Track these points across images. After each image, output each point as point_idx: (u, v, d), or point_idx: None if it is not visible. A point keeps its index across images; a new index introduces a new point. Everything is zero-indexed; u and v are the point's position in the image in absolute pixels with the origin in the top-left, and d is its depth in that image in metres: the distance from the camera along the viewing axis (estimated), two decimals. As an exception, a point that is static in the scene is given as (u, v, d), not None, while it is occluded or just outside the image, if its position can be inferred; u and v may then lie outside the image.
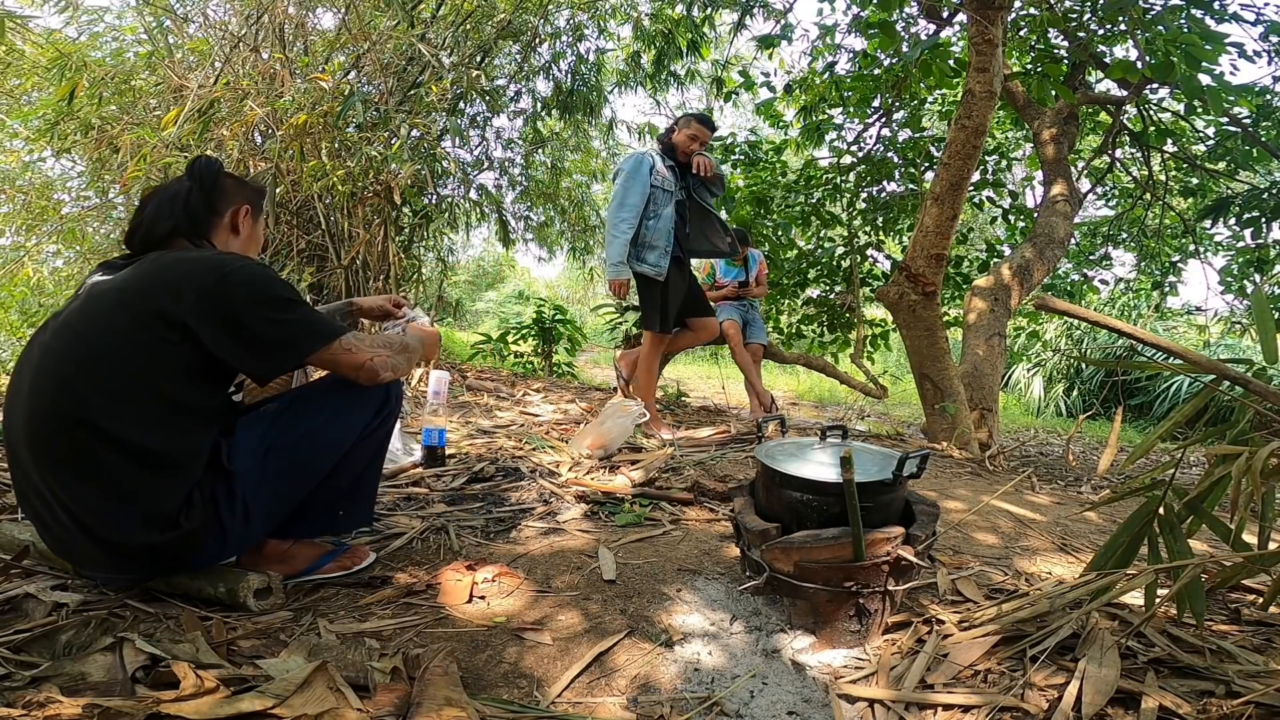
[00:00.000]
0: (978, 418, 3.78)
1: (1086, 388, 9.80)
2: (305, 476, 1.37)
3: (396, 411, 1.49)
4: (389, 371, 1.39)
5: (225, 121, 4.04)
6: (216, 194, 1.40)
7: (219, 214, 1.41)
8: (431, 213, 5.38)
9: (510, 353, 7.32)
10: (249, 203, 1.45)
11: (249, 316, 1.23)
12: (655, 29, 5.86)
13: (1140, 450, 1.31)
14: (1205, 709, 0.96)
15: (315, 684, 0.97)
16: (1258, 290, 3.73)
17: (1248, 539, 1.34)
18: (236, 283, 1.23)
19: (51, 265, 5.47)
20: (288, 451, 1.32)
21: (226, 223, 1.42)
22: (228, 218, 1.42)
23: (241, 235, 1.44)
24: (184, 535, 1.21)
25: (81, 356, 1.18)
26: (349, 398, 1.40)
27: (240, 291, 1.23)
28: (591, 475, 2.39)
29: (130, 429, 1.17)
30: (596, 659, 1.21)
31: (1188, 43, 2.98)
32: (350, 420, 1.39)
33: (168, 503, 1.20)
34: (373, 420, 1.42)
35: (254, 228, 1.47)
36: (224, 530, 1.26)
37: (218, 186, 1.41)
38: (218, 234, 1.41)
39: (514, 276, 20.64)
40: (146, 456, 1.17)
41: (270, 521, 1.35)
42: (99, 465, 1.16)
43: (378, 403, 1.43)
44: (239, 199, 1.44)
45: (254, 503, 1.28)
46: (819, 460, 1.42)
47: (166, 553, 1.23)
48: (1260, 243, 5.25)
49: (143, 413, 1.18)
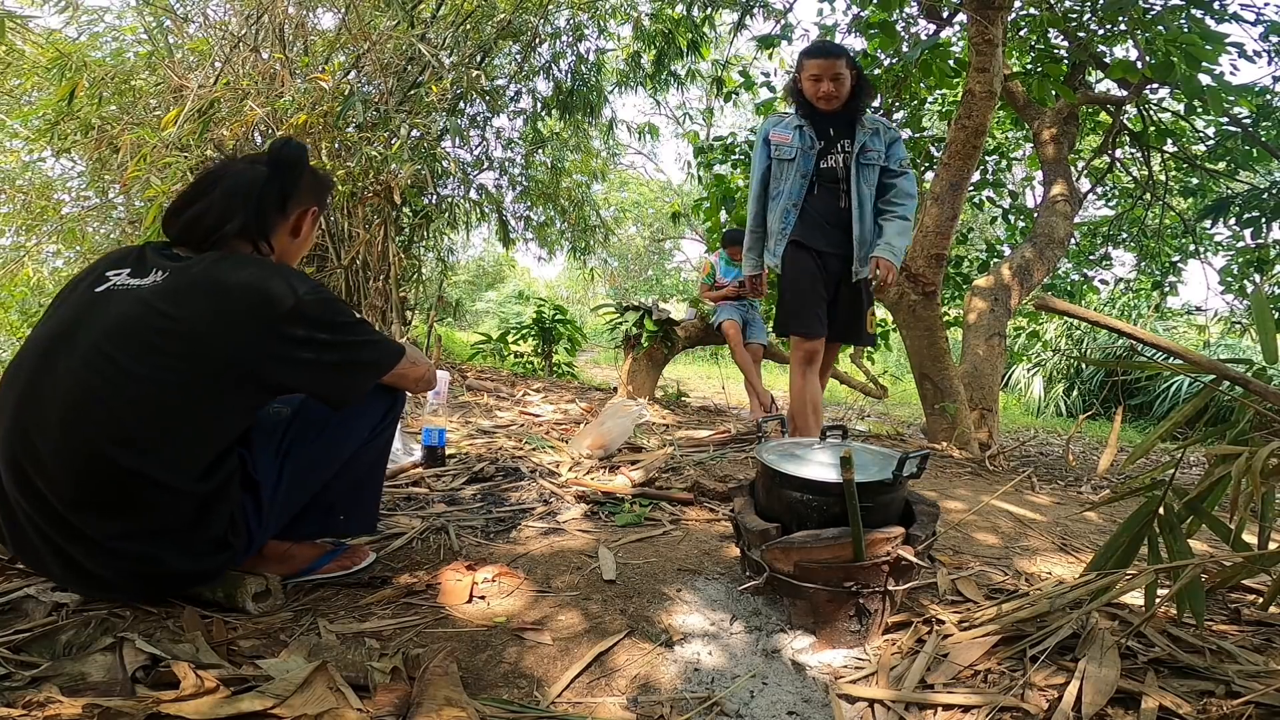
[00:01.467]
0: (978, 418, 3.78)
1: (1086, 388, 9.80)
2: (314, 480, 1.36)
3: (400, 415, 1.49)
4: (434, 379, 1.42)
5: (225, 121, 4.04)
6: (295, 190, 1.27)
7: (286, 215, 1.28)
8: (431, 213, 5.38)
9: (510, 353, 7.33)
10: (317, 204, 1.35)
11: (327, 343, 1.17)
12: (655, 29, 5.86)
13: (1140, 450, 1.31)
14: (1205, 709, 0.96)
15: (315, 684, 0.97)
16: (1258, 290, 3.73)
17: (1248, 539, 1.34)
18: (309, 311, 1.15)
19: (51, 265, 5.47)
20: (302, 457, 1.31)
21: (290, 223, 1.30)
22: (293, 219, 1.30)
23: (300, 239, 1.34)
24: (233, 554, 1.22)
25: (143, 410, 1.08)
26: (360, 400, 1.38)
27: (315, 320, 1.15)
28: (591, 475, 2.39)
29: (181, 476, 1.11)
30: (596, 659, 1.21)
31: (1188, 43, 2.98)
32: (360, 422, 1.37)
33: (218, 529, 1.18)
34: (380, 422, 1.41)
35: (313, 230, 1.37)
36: (252, 538, 1.25)
37: (299, 182, 1.28)
38: (279, 236, 1.28)
39: (514, 276, 20.66)
40: (195, 498, 1.14)
41: (282, 522, 1.35)
42: (149, 507, 1.11)
43: (386, 405, 1.41)
44: (310, 199, 1.32)
45: (270, 509, 1.28)
46: (819, 460, 1.42)
47: (216, 572, 1.24)
48: (1260, 243, 5.25)
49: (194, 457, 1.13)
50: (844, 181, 2.45)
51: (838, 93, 2.38)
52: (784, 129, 2.50)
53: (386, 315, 4.75)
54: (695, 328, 5.12)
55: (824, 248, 2.47)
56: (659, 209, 18.79)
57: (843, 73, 2.36)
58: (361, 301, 4.67)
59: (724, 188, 5.84)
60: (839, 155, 2.45)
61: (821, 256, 2.48)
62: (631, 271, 20.24)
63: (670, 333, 5.03)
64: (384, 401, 1.40)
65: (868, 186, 2.44)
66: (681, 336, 5.10)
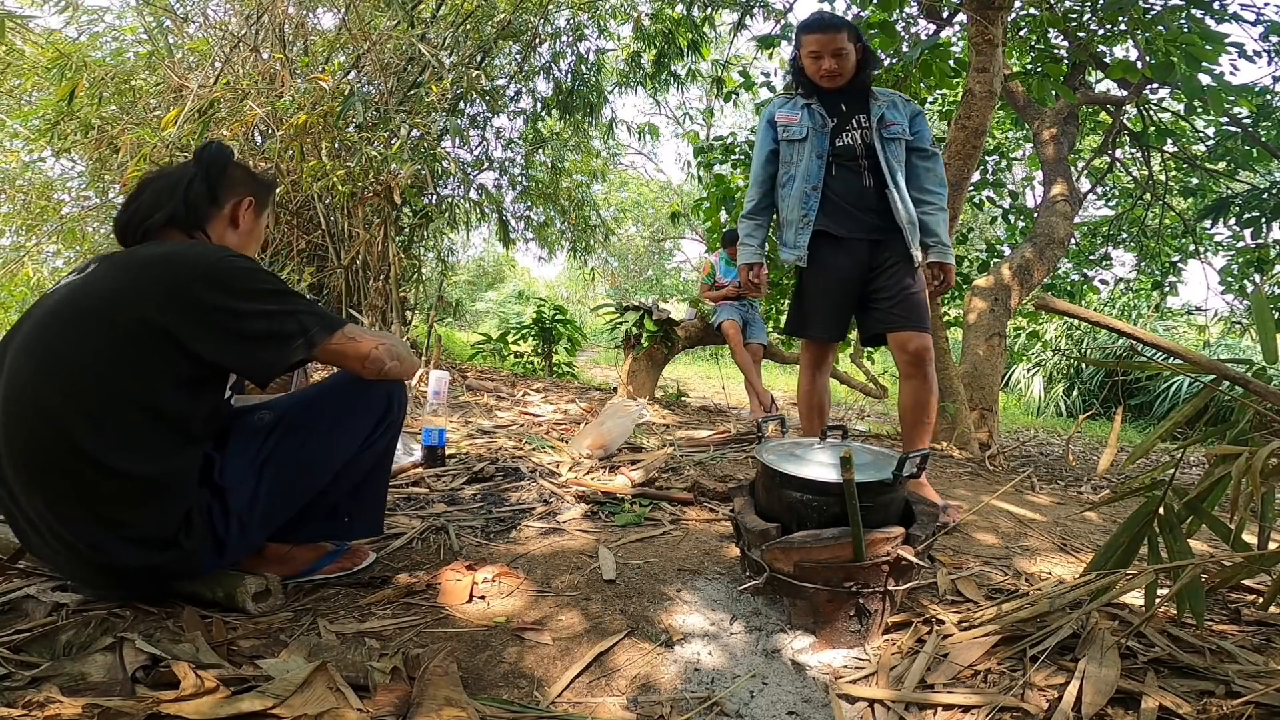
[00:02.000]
0: (978, 418, 3.78)
1: (1086, 388, 9.80)
2: (304, 487, 1.34)
3: (400, 421, 1.43)
4: (394, 362, 1.29)
5: (225, 121, 4.05)
6: (222, 183, 1.32)
7: (220, 205, 1.32)
8: (431, 213, 5.38)
9: (510, 353, 7.33)
10: (253, 196, 1.37)
11: (244, 312, 1.15)
12: (655, 29, 5.86)
13: (1140, 450, 1.31)
14: (1205, 709, 0.96)
15: (315, 684, 0.97)
16: (1258, 290, 3.73)
17: (1248, 539, 1.34)
18: (221, 277, 1.15)
19: (51, 265, 5.48)
20: (285, 466, 1.29)
21: (226, 214, 1.34)
22: (228, 209, 1.34)
23: (240, 230, 1.36)
24: (185, 554, 1.20)
25: (64, 386, 1.10)
26: (349, 409, 1.34)
27: (229, 286, 1.15)
28: (591, 475, 2.39)
29: (121, 456, 1.11)
30: (596, 659, 1.21)
31: (1188, 43, 2.98)
32: (349, 432, 1.35)
33: (166, 525, 1.17)
34: (374, 432, 1.37)
35: (255, 223, 1.39)
36: (221, 545, 1.24)
37: (225, 175, 1.33)
38: (214, 226, 1.32)
39: (514, 276, 20.68)
40: (138, 482, 1.13)
41: (268, 530, 1.34)
42: (93, 493, 1.11)
43: (379, 413, 1.37)
44: (243, 190, 1.35)
45: (250, 516, 1.25)
46: (819, 460, 1.42)
47: (166, 570, 1.22)
48: (1260, 243, 5.25)
49: (132, 436, 1.12)
50: (864, 159, 2.20)
51: (841, 69, 2.15)
52: (790, 109, 2.26)
53: (386, 315, 4.75)
54: (695, 328, 5.12)
55: (851, 233, 2.20)
56: (659, 209, 18.80)
57: (845, 47, 2.13)
58: (361, 301, 4.67)
59: (724, 188, 5.84)
60: (855, 131, 2.20)
61: (847, 244, 2.20)
62: (631, 271, 20.25)
63: (670, 333, 5.03)
64: (374, 411, 1.36)
65: (896, 162, 2.18)
66: (681, 336, 5.10)
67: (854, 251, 2.20)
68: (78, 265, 1.28)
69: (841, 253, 2.20)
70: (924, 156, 2.24)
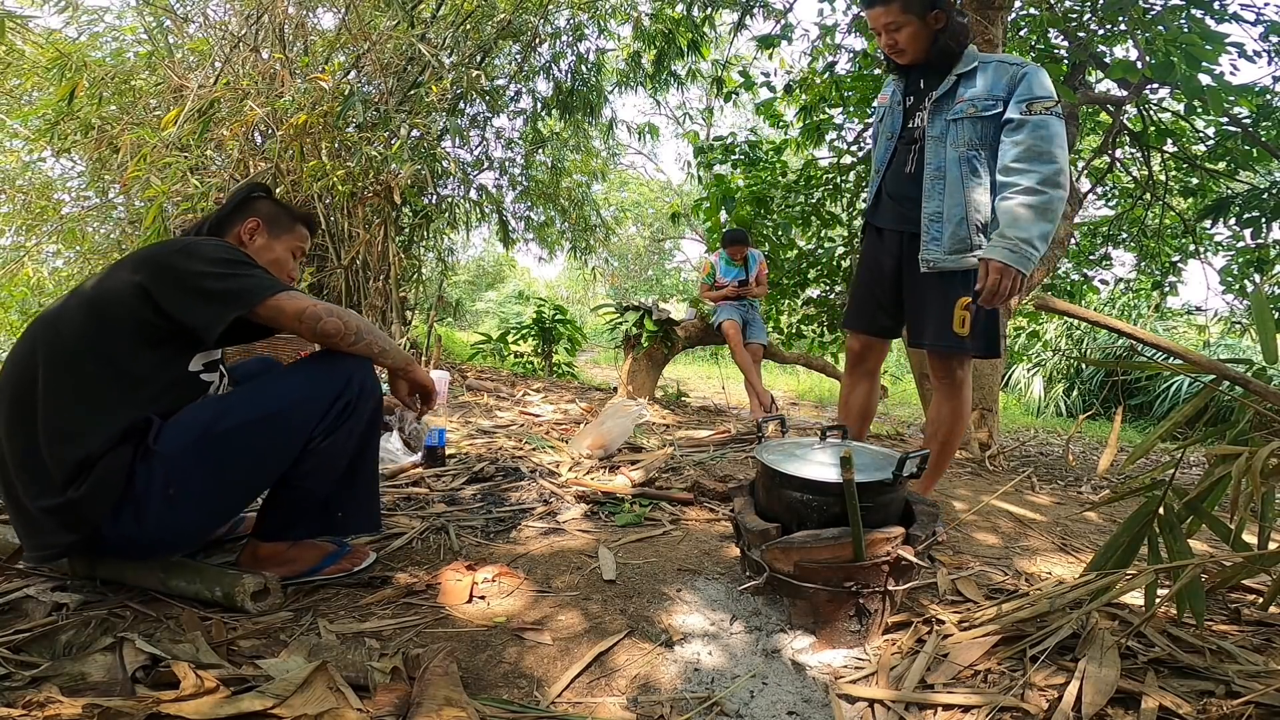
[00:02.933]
0: (978, 418, 3.78)
1: (1086, 388, 9.80)
2: (254, 467, 1.30)
3: (363, 405, 1.38)
4: (332, 318, 1.31)
5: (225, 121, 4.04)
6: (236, 210, 1.47)
7: (231, 225, 1.46)
8: (431, 213, 5.38)
9: (510, 353, 7.33)
10: (263, 219, 1.48)
11: (202, 273, 1.26)
12: (655, 29, 5.86)
13: (1140, 450, 1.31)
14: (1205, 709, 0.96)
15: (315, 684, 0.97)
16: (1258, 290, 3.73)
17: (1248, 539, 1.34)
18: (194, 249, 1.28)
19: (51, 265, 5.47)
20: (230, 440, 1.26)
21: (235, 234, 1.46)
22: (238, 230, 1.46)
23: (249, 249, 1.44)
24: (70, 504, 1.17)
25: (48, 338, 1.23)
26: (300, 386, 1.33)
27: (199, 254, 1.27)
28: (591, 475, 2.39)
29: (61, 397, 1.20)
30: (596, 659, 1.21)
31: (1188, 43, 2.98)
32: (301, 409, 1.31)
33: (56, 470, 1.18)
34: (330, 408, 1.32)
35: (269, 243, 1.48)
36: (140, 510, 1.20)
37: (242, 203, 1.48)
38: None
39: (514, 276, 20.67)
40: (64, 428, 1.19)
41: (212, 510, 1.30)
42: (30, 428, 1.20)
43: (335, 390, 1.33)
44: (253, 213, 1.48)
45: (182, 487, 1.22)
46: (819, 460, 1.42)
47: (63, 518, 1.19)
48: (1260, 243, 5.24)
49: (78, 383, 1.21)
50: (920, 140, 1.97)
51: (902, 45, 1.92)
52: (886, 88, 2.10)
53: (386, 315, 4.75)
54: (695, 328, 5.12)
55: (888, 225, 2.03)
56: (659, 209, 18.79)
57: (895, 20, 1.89)
58: (361, 301, 4.67)
59: (724, 188, 5.84)
60: (925, 111, 1.98)
61: (886, 236, 2.04)
62: (631, 271, 20.25)
63: (670, 333, 5.03)
64: (330, 386, 1.33)
65: (953, 147, 1.90)
66: (681, 336, 5.10)
67: (890, 245, 2.02)
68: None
69: (881, 245, 2.05)
70: (1012, 129, 1.83)
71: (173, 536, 1.29)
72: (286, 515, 1.40)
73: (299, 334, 1.32)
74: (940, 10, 1.89)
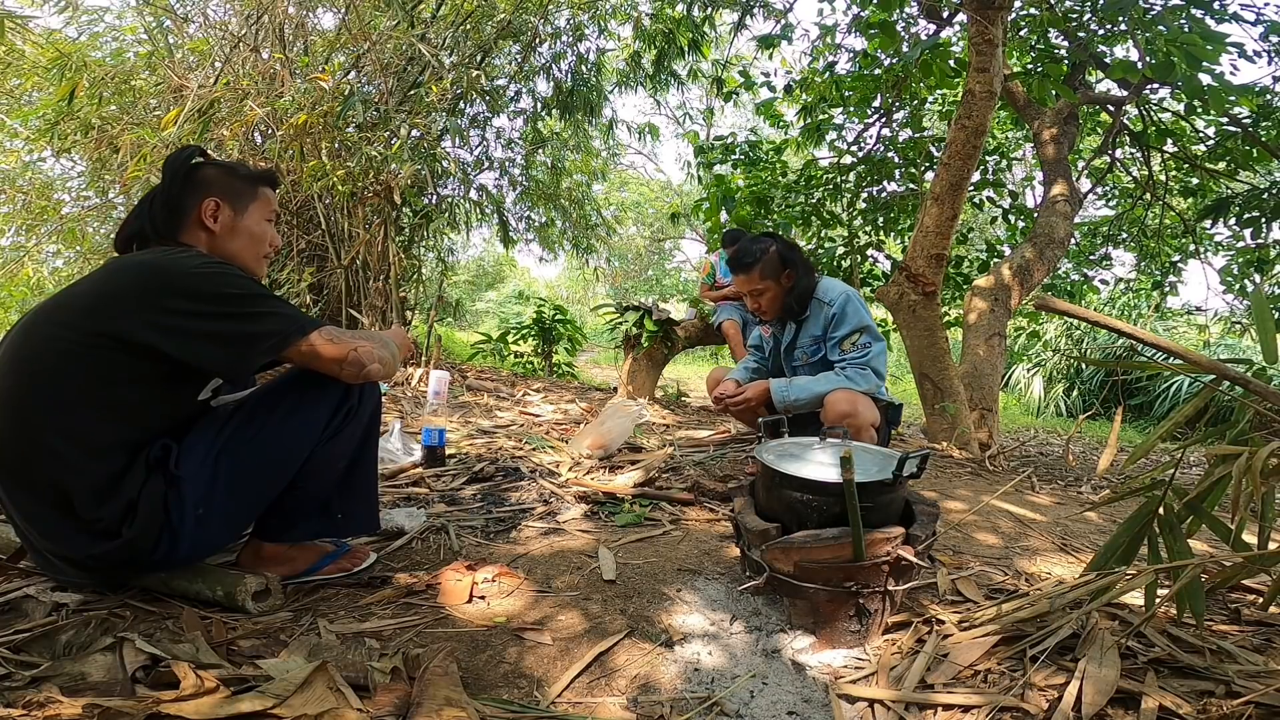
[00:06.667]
0: (978, 418, 3.78)
1: (1086, 388, 9.80)
2: (266, 477, 1.31)
3: (364, 410, 1.38)
4: (375, 364, 1.27)
5: (225, 121, 4.05)
6: (186, 189, 1.29)
7: (186, 212, 1.29)
8: (431, 213, 5.38)
9: (510, 353, 7.33)
10: (220, 195, 1.30)
11: (211, 314, 1.16)
12: (655, 29, 5.86)
13: (1140, 450, 1.31)
14: (1205, 709, 0.96)
15: (315, 684, 0.97)
16: (1258, 290, 3.73)
17: (1248, 539, 1.34)
18: (189, 285, 1.16)
19: (51, 265, 5.48)
20: (241, 453, 1.26)
21: (194, 219, 1.29)
22: (196, 214, 1.29)
23: (219, 232, 1.30)
24: (126, 543, 1.19)
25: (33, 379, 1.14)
26: (304, 396, 1.31)
27: (196, 292, 1.16)
28: (591, 475, 2.39)
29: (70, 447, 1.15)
30: (596, 659, 1.21)
31: (1188, 43, 2.98)
32: (304, 419, 1.30)
33: (108, 514, 1.17)
34: (332, 418, 1.32)
35: (236, 222, 1.32)
36: (176, 534, 1.21)
37: (187, 180, 1.29)
38: (189, 233, 1.29)
39: (514, 276, 20.67)
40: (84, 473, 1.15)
41: (234, 523, 1.33)
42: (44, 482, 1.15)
43: (335, 400, 1.32)
44: (206, 191, 1.29)
45: (208, 506, 1.23)
46: (819, 460, 1.42)
47: (110, 559, 1.21)
48: (1260, 243, 5.25)
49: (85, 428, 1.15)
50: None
51: (764, 307, 2.28)
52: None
53: (386, 315, 4.75)
54: (695, 328, 5.12)
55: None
56: (659, 209, 18.79)
57: (758, 285, 2.23)
58: (361, 301, 4.67)
59: (724, 188, 5.84)
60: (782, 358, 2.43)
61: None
62: (631, 271, 20.24)
63: (670, 333, 5.03)
64: (331, 397, 1.32)
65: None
66: (681, 336, 5.10)
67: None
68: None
69: None
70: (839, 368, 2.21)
71: (205, 551, 1.33)
72: (287, 516, 1.39)
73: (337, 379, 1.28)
74: (790, 270, 2.24)
